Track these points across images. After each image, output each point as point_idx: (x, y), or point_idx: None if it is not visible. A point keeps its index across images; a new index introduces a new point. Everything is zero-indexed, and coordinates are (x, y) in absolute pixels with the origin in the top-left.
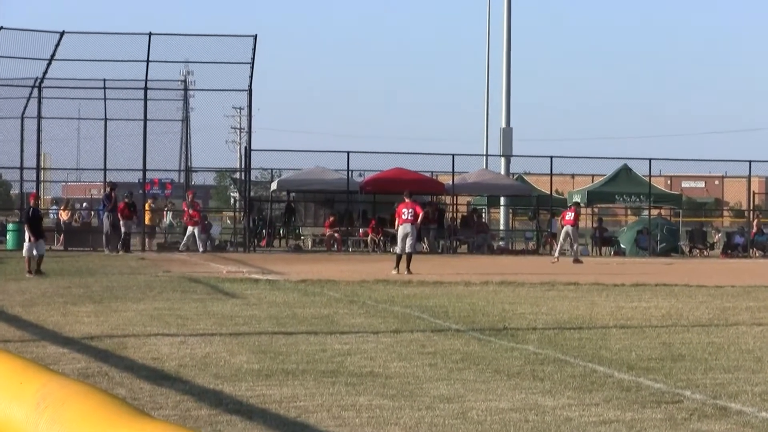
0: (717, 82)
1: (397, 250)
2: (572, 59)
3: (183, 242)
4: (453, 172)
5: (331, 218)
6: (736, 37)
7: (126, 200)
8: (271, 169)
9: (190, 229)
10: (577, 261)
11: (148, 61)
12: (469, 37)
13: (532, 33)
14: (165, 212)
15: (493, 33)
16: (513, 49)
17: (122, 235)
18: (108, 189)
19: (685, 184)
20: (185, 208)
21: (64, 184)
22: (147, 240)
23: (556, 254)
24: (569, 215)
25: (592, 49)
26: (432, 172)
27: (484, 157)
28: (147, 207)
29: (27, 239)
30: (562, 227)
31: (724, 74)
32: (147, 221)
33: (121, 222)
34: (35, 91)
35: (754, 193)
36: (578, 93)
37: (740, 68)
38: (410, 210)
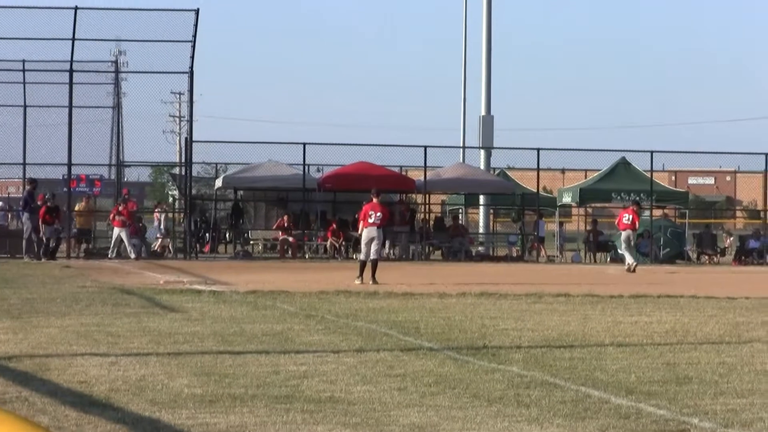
0: (729, 64)
1: (361, 256)
2: (561, 36)
3: (110, 247)
4: (425, 166)
5: (285, 220)
6: (750, 11)
7: (48, 204)
8: (216, 164)
9: (116, 230)
10: (630, 270)
11: (73, 39)
12: (443, 11)
13: (515, 5)
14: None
15: (471, 5)
16: (494, 24)
17: (44, 242)
18: (28, 186)
19: (692, 181)
20: (114, 212)
21: None
22: (75, 245)
23: (632, 262)
24: (628, 217)
25: (585, 25)
26: (401, 167)
27: (461, 150)
28: (79, 209)
29: None
30: (622, 232)
31: (737, 55)
32: (80, 224)
33: (42, 228)
34: None
35: None
36: (569, 75)
37: (755, 49)
38: (377, 213)
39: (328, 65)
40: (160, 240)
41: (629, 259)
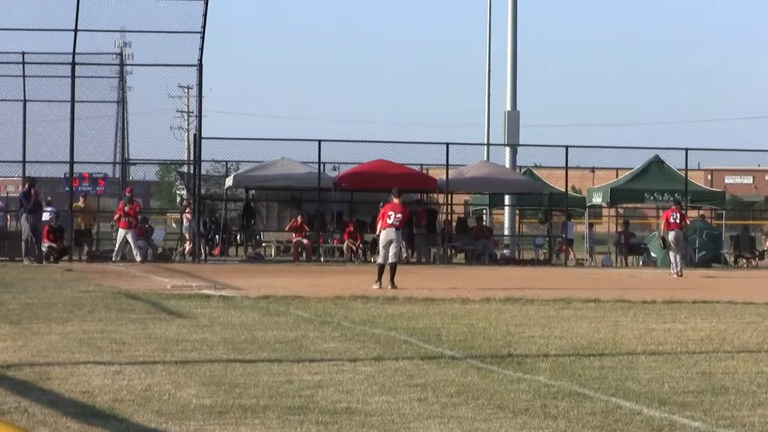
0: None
1: (379, 259)
2: (591, 27)
3: (115, 250)
4: (447, 164)
5: (299, 221)
6: None
7: (51, 224)
8: (226, 162)
9: (121, 232)
10: (679, 274)
11: (76, 30)
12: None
13: None
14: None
15: None
16: (519, 14)
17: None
18: (26, 186)
19: (729, 180)
20: (119, 211)
21: None
22: (75, 247)
23: (678, 267)
24: (675, 216)
25: (616, 15)
26: (422, 165)
27: (485, 147)
28: (76, 206)
29: None
30: (669, 232)
31: None
32: (78, 225)
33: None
34: None
35: None
36: (599, 69)
37: None
38: (397, 213)
39: (345, 58)
40: (189, 244)
41: (677, 262)
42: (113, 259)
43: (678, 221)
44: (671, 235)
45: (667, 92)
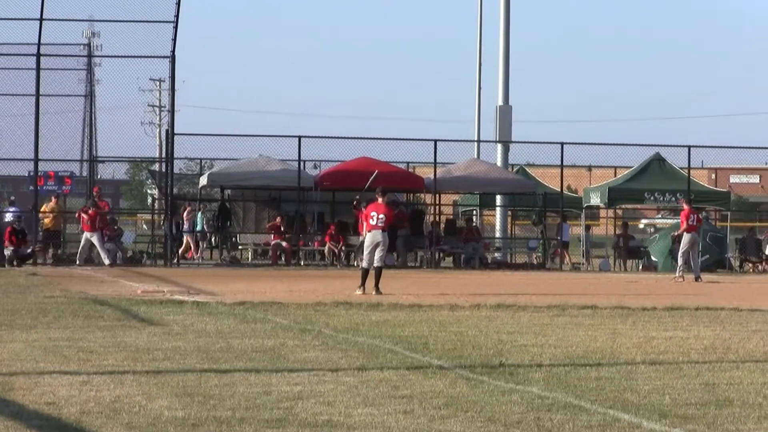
0: None
1: (364, 264)
2: (587, 17)
3: (78, 253)
4: (435, 162)
5: (278, 222)
6: None
7: (14, 225)
8: (201, 159)
9: (86, 235)
10: (698, 278)
11: (41, 19)
12: None
13: None
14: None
15: None
16: (512, 5)
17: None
18: None
19: (734, 179)
20: (82, 213)
21: None
22: (42, 250)
23: (697, 271)
24: (693, 218)
25: (615, 5)
26: (408, 163)
27: (476, 144)
28: (44, 209)
29: None
30: (687, 234)
31: None
32: (48, 225)
33: (6, 247)
34: None
35: None
36: (596, 61)
37: None
38: (380, 214)
39: (327, 51)
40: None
41: (695, 266)
42: (77, 262)
43: (695, 223)
44: (688, 238)
45: (668, 86)
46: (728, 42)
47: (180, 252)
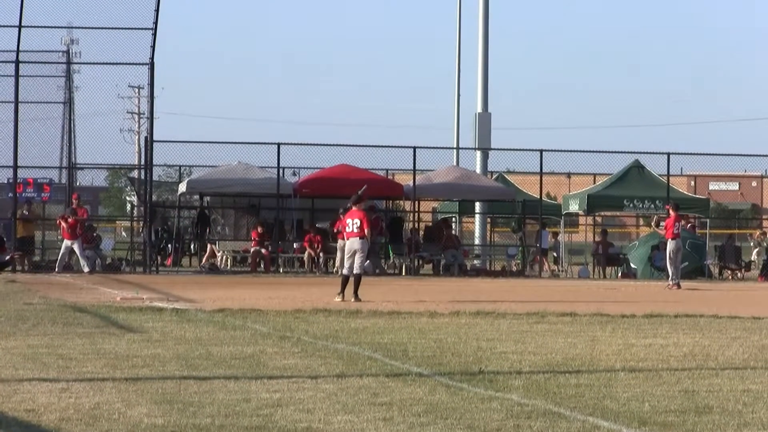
0: (754, 59)
1: (344, 270)
2: (565, 25)
3: (58, 260)
4: (414, 169)
5: (257, 229)
6: None
7: None
8: (180, 166)
9: (66, 243)
10: (677, 286)
11: (20, 26)
12: None
13: None
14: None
15: None
16: (491, 11)
17: None
18: None
19: (713, 186)
20: (62, 221)
21: None
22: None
23: (677, 279)
24: (678, 226)
25: (591, 12)
26: (387, 171)
27: (455, 151)
28: (20, 215)
29: None
30: (670, 241)
31: (762, 47)
32: (21, 233)
33: None
34: None
35: None
36: (575, 68)
37: None
38: (355, 219)
39: (305, 57)
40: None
41: (676, 273)
42: (56, 270)
43: (678, 232)
44: (674, 244)
45: (647, 94)
46: (707, 51)
47: (206, 258)
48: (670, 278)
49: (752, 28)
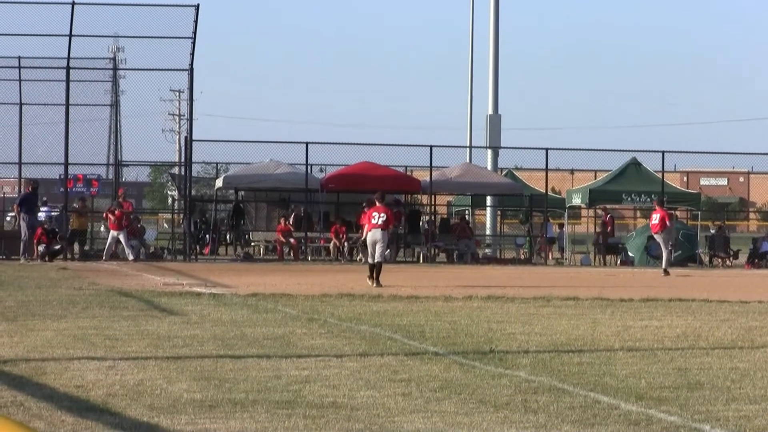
0: (743, 62)
1: (369, 259)
2: (571, 33)
3: (105, 250)
4: (431, 166)
5: (287, 221)
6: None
7: (45, 226)
8: (216, 163)
9: (113, 233)
10: (665, 272)
11: (70, 35)
12: (449, 8)
13: (524, 1)
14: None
15: (478, 2)
16: (502, 20)
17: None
18: (29, 188)
19: (704, 182)
20: (109, 213)
21: None
22: (69, 247)
23: (664, 266)
24: (655, 217)
25: (595, 21)
26: (406, 167)
27: (468, 150)
28: (72, 208)
29: None
30: (656, 233)
31: (752, 53)
32: (75, 225)
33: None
34: None
35: None
36: (578, 73)
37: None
38: (381, 214)
39: (331, 63)
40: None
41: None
42: (104, 258)
43: (657, 222)
44: (658, 237)
45: (644, 96)
46: (700, 53)
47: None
48: (664, 264)
49: (744, 34)
